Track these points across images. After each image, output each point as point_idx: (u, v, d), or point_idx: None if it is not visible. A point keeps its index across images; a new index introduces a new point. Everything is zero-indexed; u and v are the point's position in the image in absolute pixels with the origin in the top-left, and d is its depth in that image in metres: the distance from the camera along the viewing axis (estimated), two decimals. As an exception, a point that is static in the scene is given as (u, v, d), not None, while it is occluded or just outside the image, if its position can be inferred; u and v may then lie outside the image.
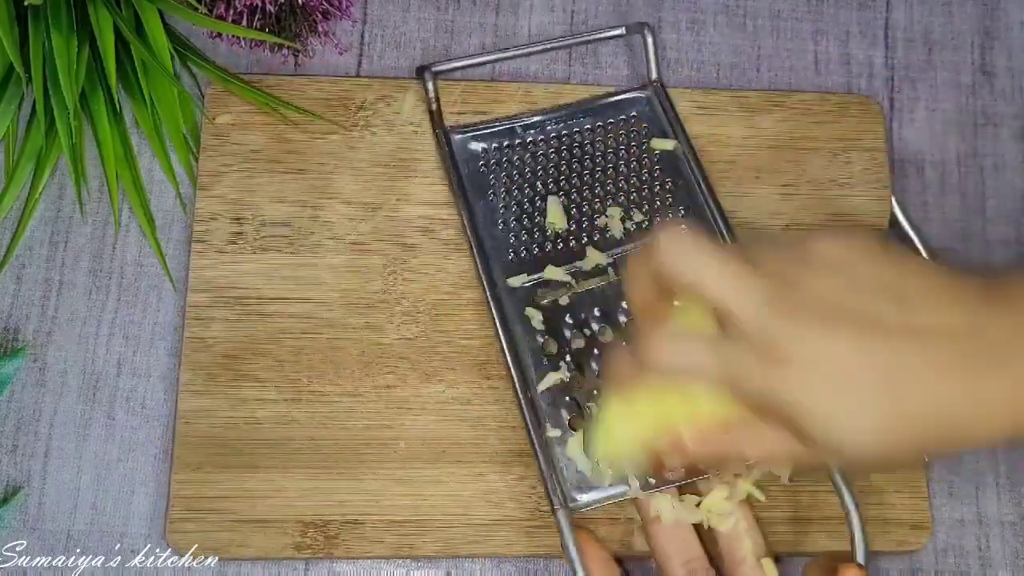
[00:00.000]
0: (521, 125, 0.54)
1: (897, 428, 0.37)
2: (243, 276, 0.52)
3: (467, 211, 0.52)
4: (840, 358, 0.37)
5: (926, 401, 0.37)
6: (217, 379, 0.50)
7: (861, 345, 0.37)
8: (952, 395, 0.37)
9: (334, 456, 0.49)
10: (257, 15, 0.53)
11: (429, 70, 0.55)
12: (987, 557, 0.52)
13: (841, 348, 0.37)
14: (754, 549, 0.46)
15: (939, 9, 0.60)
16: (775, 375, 0.37)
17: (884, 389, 0.37)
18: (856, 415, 0.37)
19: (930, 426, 0.37)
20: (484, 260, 0.51)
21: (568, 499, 0.46)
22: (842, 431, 0.37)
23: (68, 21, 0.49)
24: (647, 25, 0.55)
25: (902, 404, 0.37)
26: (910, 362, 0.37)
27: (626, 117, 0.55)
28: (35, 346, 0.51)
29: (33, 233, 0.53)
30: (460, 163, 0.53)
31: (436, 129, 0.54)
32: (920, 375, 0.37)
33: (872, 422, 0.37)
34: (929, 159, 0.58)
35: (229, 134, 0.54)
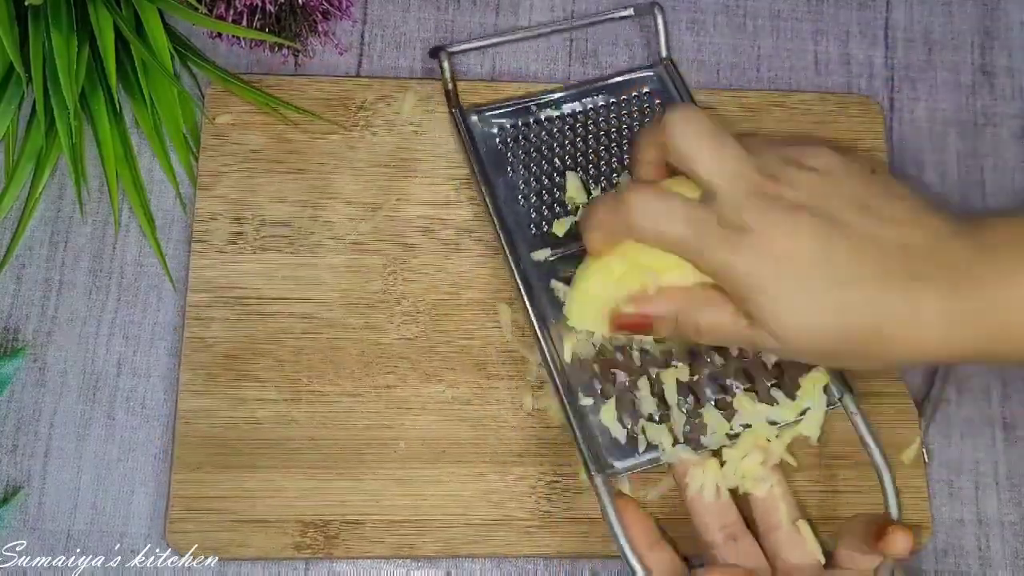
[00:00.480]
0: (536, 103, 0.55)
1: (836, 325, 0.39)
2: (243, 276, 0.52)
3: (488, 188, 0.52)
4: (798, 249, 0.39)
5: (868, 305, 0.39)
6: (217, 379, 0.50)
7: (821, 243, 0.39)
8: (894, 303, 0.39)
9: (334, 456, 0.49)
10: (257, 15, 0.53)
11: (444, 50, 0.55)
12: (987, 557, 0.52)
13: (803, 241, 0.39)
14: (789, 513, 0.46)
15: (939, 9, 0.60)
16: (736, 250, 0.40)
17: (831, 287, 0.39)
18: (800, 305, 0.39)
19: (868, 329, 0.39)
20: (508, 235, 0.51)
21: (605, 465, 0.46)
22: (785, 317, 0.39)
23: (68, 21, 0.49)
24: (657, 4, 0.56)
25: (845, 305, 0.39)
26: (861, 266, 0.39)
27: (639, 94, 0.55)
28: (35, 346, 0.51)
29: (33, 233, 0.53)
30: (478, 142, 0.53)
31: (452, 108, 0.54)
32: (868, 280, 0.39)
33: (814, 317, 0.39)
34: (929, 159, 0.58)
35: (229, 134, 0.54)
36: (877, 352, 0.40)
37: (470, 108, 0.54)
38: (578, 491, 0.50)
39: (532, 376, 0.51)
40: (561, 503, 0.49)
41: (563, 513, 0.49)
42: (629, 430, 0.47)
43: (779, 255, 0.39)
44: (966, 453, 0.53)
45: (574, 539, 0.49)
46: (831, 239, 0.39)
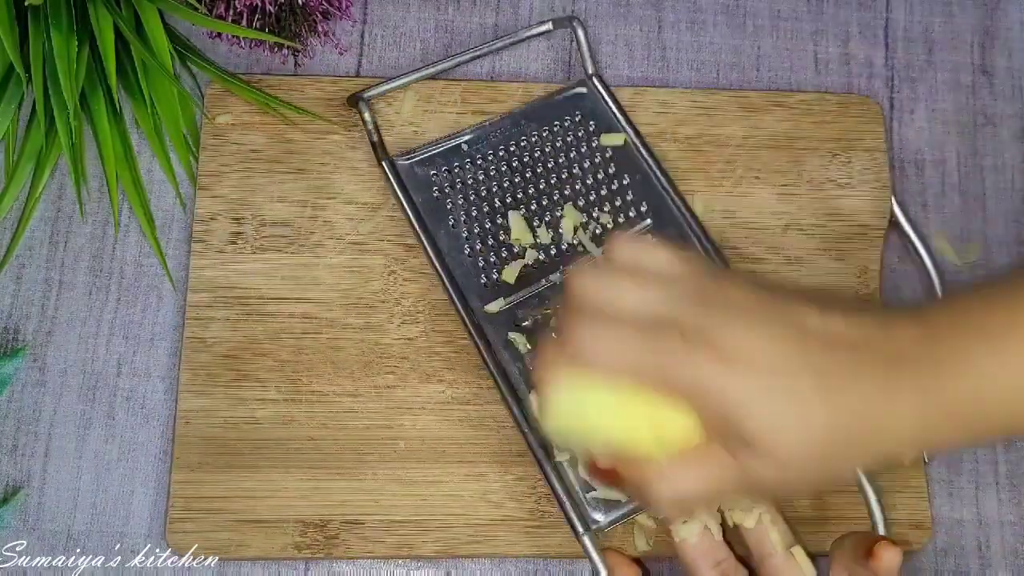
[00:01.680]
0: (466, 141, 0.53)
1: (828, 426, 0.36)
2: (243, 276, 0.52)
3: (430, 242, 0.51)
4: (777, 355, 0.36)
5: (855, 406, 0.36)
6: (217, 379, 0.50)
7: (795, 345, 0.36)
8: (870, 396, 0.37)
9: (334, 456, 0.49)
10: (257, 15, 0.53)
11: (363, 99, 0.53)
12: (987, 557, 0.52)
13: (777, 345, 0.36)
14: (782, 540, 0.46)
15: (939, 9, 0.60)
16: (708, 363, 0.36)
17: (817, 387, 0.36)
18: (794, 410, 0.36)
19: (855, 426, 0.37)
20: (458, 290, 0.50)
21: (590, 522, 0.46)
22: (780, 426, 0.36)
23: (68, 21, 0.49)
24: (575, 18, 0.55)
25: (832, 403, 0.36)
26: (837, 364, 0.36)
27: (571, 117, 0.54)
28: (35, 346, 0.51)
29: (33, 233, 0.53)
30: (412, 193, 0.52)
31: (381, 161, 0.52)
32: (849, 380, 0.36)
33: (807, 419, 0.36)
34: (929, 159, 0.58)
35: (229, 134, 0.54)
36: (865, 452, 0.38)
37: (398, 155, 0.53)
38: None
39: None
40: (561, 503, 0.49)
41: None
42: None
43: (751, 360, 0.36)
44: (966, 453, 0.53)
45: (574, 539, 0.49)
46: (803, 341, 0.36)
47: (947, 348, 0.37)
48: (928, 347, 0.37)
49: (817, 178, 0.55)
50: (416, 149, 0.53)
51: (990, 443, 0.51)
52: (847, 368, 0.37)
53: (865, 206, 0.55)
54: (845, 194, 0.55)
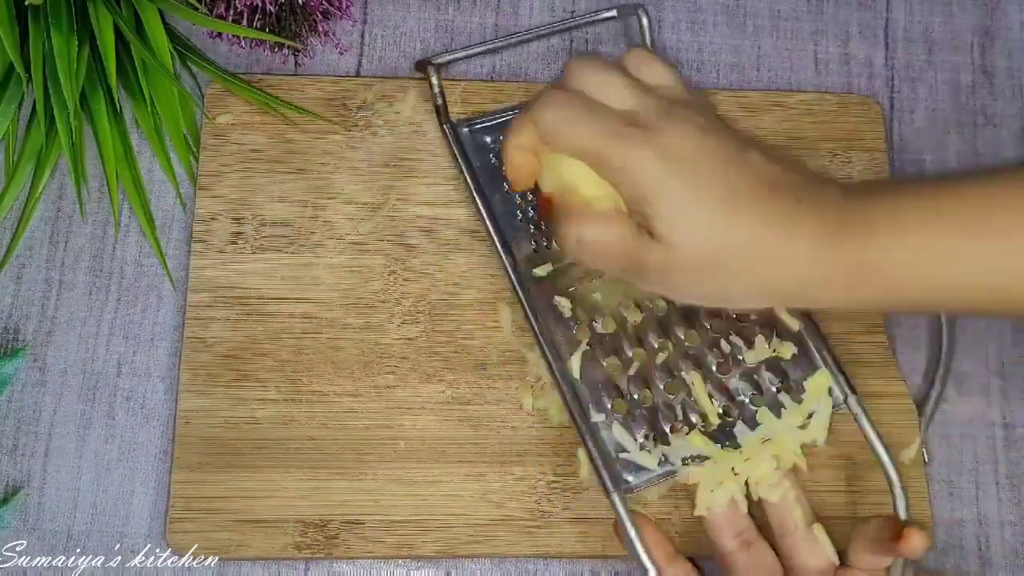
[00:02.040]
0: None
1: (725, 236, 0.40)
2: (243, 276, 0.52)
3: (484, 205, 0.51)
4: (703, 156, 0.41)
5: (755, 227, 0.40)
6: (217, 379, 0.50)
7: (725, 157, 0.41)
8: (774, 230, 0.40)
9: (334, 456, 0.49)
10: (257, 15, 0.53)
11: (431, 63, 0.54)
12: (987, 557, 0.52)
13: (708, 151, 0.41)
14: (805, 517, 0.46)
15: (939, 9, 0.60)
16: (641, 147, 0.41)
17: (729, 204, 0.40)
18: (695, 210, 0.40)
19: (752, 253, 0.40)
20: (508, 252, 0.50)
21: (620, 481, 0.46)
22: (679, 220, 0.40)
23: (68, 21, 0.49)
24: (641, 6, 0.55)
25: (737, 222, 0.40)
26: (755, 193, 0.41)
27: None
28: (35, 346, 0.51)
29: (33, 233, 0.53)
30: (471, 156, 0.53)
31: (443, 124, 0.54)
32: (758, 204, 0.40)
33: (706, 222, 0.40)
34: (929, 159, 0.58)
35: (229, 134, 0.54)
36: (751, 275, 0.41)
37: (461, 122, 0.54)
38: (578, 491, 0.50)
39: (532, 376, 0.51)
40: (561, 503, 0.49)
41: (563, 513, 0.49)
42: (641, 443, 0.46)
43: (683, 158, 0.40)
44: (966, 453, 0.53)
45: (574, 539, 0.49)
46: (733, 158, 0.41)
47: (853, 214, 0.41)
48: (841, 205, 0.41)
49: (817, 178, 0.55)
50: (477, 117, 0.54)
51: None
52: (761, 196, 0.41)
53: (865, 206, 0.55)
54: (845, 194, 0.55)
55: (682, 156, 0.41)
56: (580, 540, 0.49)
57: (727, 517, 0.46)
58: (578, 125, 0.42)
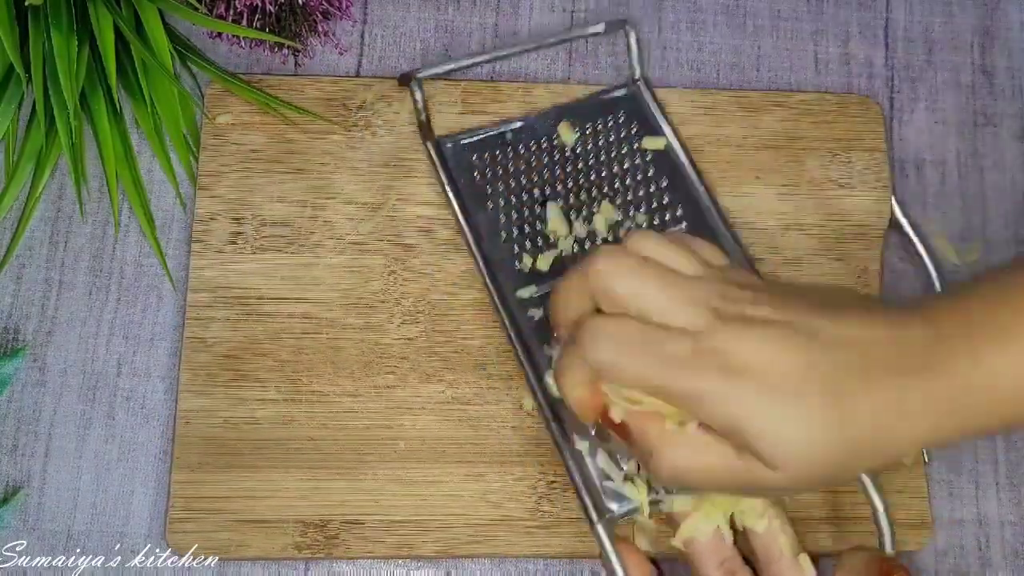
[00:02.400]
0: (511, 130, 0.54)
1: (839, 438, 0.37)
2: (243, 276, 0.52)
3: (468, 224, 0.51)
4: (783, 365, 0.37)
5: (862, 409, 0.37)
6: (217, 379, 0.50)
7: (801, 353, 0.37)
8: (882, 403, 0.37)
9: (334, 456, 0.49)
10: (257, 15, 0.53)
11: (414, 78, 0.54)
12: (987, 557, 0.52)
13: (782, 354, 0.37)
14: (790, 546, 0.46)
15: (939, 9, 0.60)
16: (711, 375, 0.37)
17: (826, 398, 0.37)
18: (803, 424, 0.36)
19: (866, 434, 0.37)
20: (491, 273, 0.50)
21: (604, 511, 0.46)
22: (784, 442, 0.37)
23: (68, 21, 0.49)
24: (626, 22, 0.55)
25: (843, 413, 0.37)
26: (847, 372, 0.37)
27: (615, 118, 0.54)
28: (35, 346, 0.51)
29: (33, 233, 0.53)
30: (455, 174, 0.52)
31: (426, 142, 0.53)
32: (856, 384, 0.37)
33: (817, 432, 0.37)
34: (929, 159, 0.58)
35: (229, 134, 0.54)
36: (875, 458, 0.39)
37: (444, 138, 0.53)
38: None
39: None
40: (561, 503, 0.49)
41: (563, 513, 0.49)
42: (625, 472, 0.46)
43: (760, 371, 0.37)
44: (966, 453, 0.53)
45: (574, 539, 0.49)
46: (810, 350, 0.37)
47: (956, 349, 0.37)
48: (937, 349, 0.38)
49: (817, 178, 0.55)
50: (461, 133, 0.54)
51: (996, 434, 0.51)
52: (857, 377, 0.37)
53: (865, 206, 0.55)
54: (845, 194, 0.55)
55: (756, 368, 0.37)
56: (580, 540, 0.49)
57: (711, 546, 0.46)
58: (635, 358, 0.38)
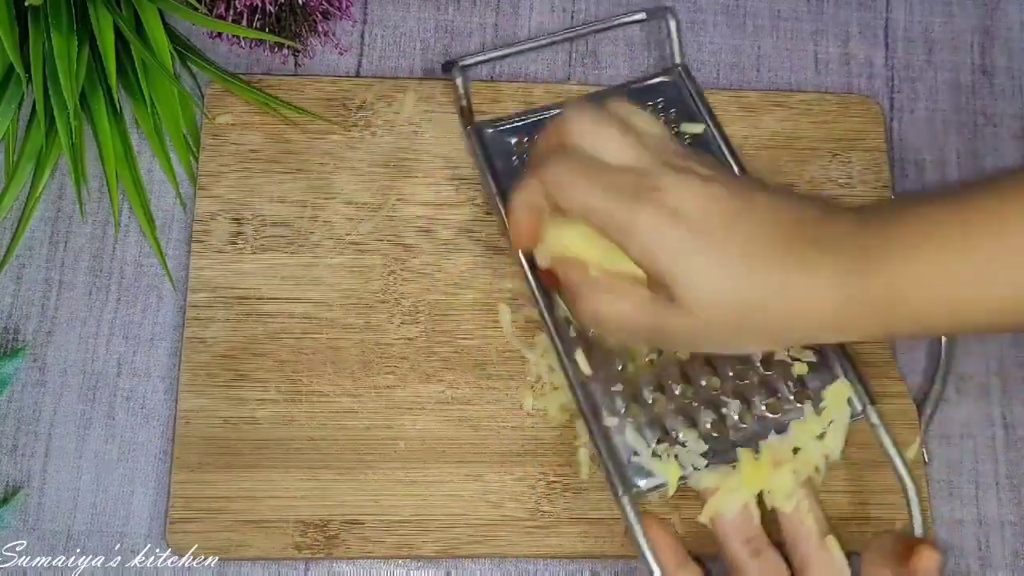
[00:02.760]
0: (551, 115, 0.53)
1: (747, 296, 0.40)
2: (243, 276, 0.52)
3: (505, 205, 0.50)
4: (715, 216, 0.40)
5: (774, 272, 0.40)
6: (217, 379, 0.50)
7: (735, 213, 0.40)
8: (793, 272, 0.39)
9: (334, 456, 0.49)
10: (257, 15, 0.53)
11: (457, 65, 0.54)
12: (987, 557, 0.52)
13: (718, 206, 0.40)
14: (818, 528, 0.46)
15: (939, 9, 0.60)
16: (650, 210, 0.40)
17: (744, 254, 0.40)
18: (717, 272, 0.39)
19: (772, 299, 0.40)
20: (528, 257, 0.50)
21: (630, 484, 0.45)
22: (698, 282, 0.40)
23: (68, 21, 0.49)
24: (670, 10, 0.55)
25: (755, 271, 0.40)
26: (770, 237, 0.40)
27: (654, 103, 0.54)
28: (35, 346, 0.51)
29: (33, 233, 0.53)
30: (494, 159, 0.52)
31: (467, 126, 0.53)
32: (775, 250, 0.40)
33: (727, 282, 0.39)
34: (929, 159, 0.58)
35: (229, 134, 0.54)
36: (776, 327, 0.41)
37: (484, 123, 0.53)
38: (578, 491, 0.50)
39: (532, 376, 0.51)
40: (561, 503, 0.49)
41: (563, 513, 0.49)
42: (654, 449, 0.46)
43: (692, 216, 0.40)
44: (966, 453, 0.53)
45: (574, 539, 0.49)
46: (742, 208, 0.40)
47: (872, 245, 0.39)
48: (856, 240, 0.40)
49: (817, 178, 0.55)
50: (501, 120, 0.53)
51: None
52: (775, 243, 0.40)
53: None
54: (845, 194, 0.55)
55: (690, 214, 0.40)
56: (580, 540, 0.49)
57: (737, 523, 0.46)
58: (585, 186, 0.41)
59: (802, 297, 0.39)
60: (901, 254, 0.39)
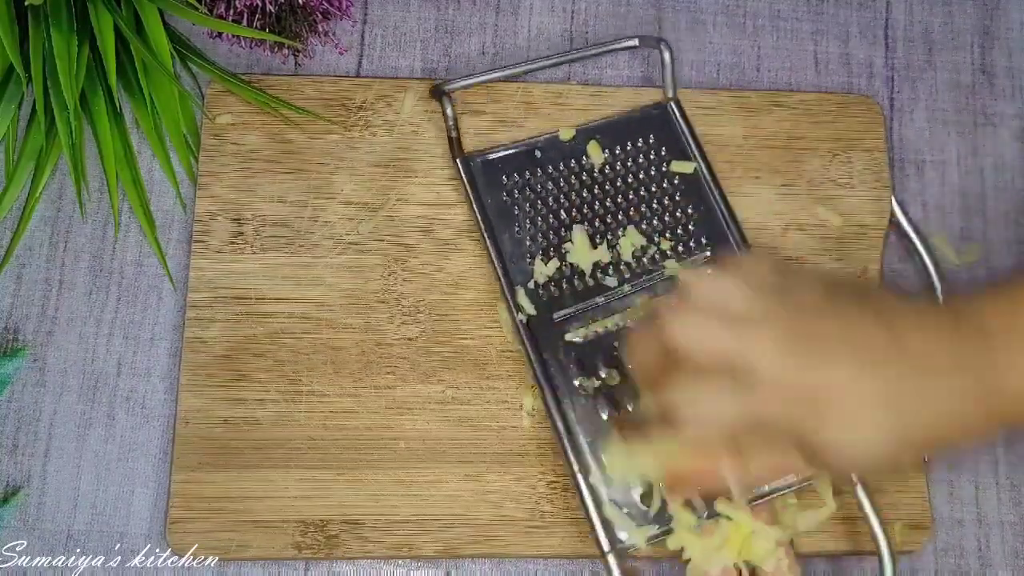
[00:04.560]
0: (539, 147, 0.53)
1: (902, 441, 0.40)
2: (243, 276, 0.52)
3: (494, 247, 0.51)
4: (846, 387, 0.40)
5: (922, 412, 0.40)
6: (217, 379, 0.50)
7: (863, 372, 0.40)
8: (943, 413, 0.40)
9: (334, 456, 0.49)
10: (257, 15, 0.53)
11: (446, 93, 0.53)
12: (987, 557, 0.52)
13: (857, 384, 0.40)
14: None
15: (939, 9, 0.60)
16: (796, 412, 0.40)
17: (890, 410, 0.40)
18: (869, 438, 0.40)
19: (928, 433, 0.41)
20: (514, 297, 0.50)
21: (615, 541, 0.46)
22: (857, 453, 0.40)
23: (68, 21, 0.49)
24: (663, 40, 0.54)
25: (905, 420, 0.40)
26: (907, 381, 0.40)
27: (644, 139, 0.54)
28: (35, 346, 0.51)
29: (33, 233, 0.53)
30: (483, 193, 0.52)
31: (456, 158, 0.53)
32: (915, 391, 0.40)
33: (884, 444, 0.40)
34: (929, 159, 0.58)
35: (229, 134, 0.54)
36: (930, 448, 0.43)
37: (473, 154, 0.53)
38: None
39: (532, 377, 0.51)
40: (561, 503, 0.49)
41: (563, 513, 0.49)
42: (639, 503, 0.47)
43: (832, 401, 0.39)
44: (966, 453, 0.53)
45: (574, 539, 0.49)
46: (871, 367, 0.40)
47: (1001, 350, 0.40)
48: (987, 351, 0.40)
49: (817, 178, 0.55)
50: (490, 149, 0.53)
51: None
52: (914, 384, 0.40)
53: (865, 206, 0.55)
54: (845, 194, 0.55)
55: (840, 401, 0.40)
56: (580, 540, 0.49)
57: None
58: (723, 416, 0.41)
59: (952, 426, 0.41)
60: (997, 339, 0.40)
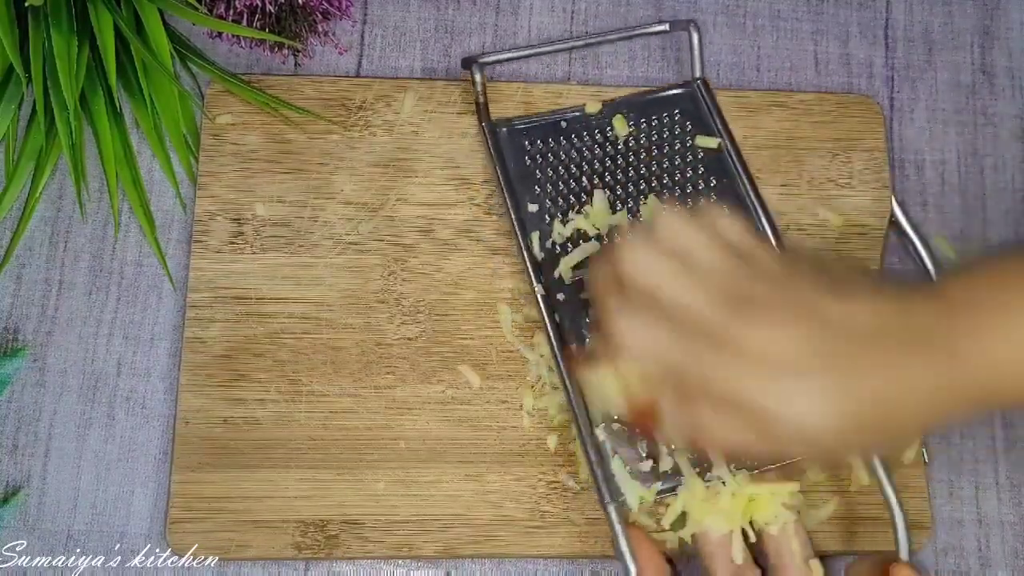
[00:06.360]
0: (566, 120, 0.54)
1: (844, 412, 0.38)
2: (243, 276, 0.52)
3: (515, 209, 0.51)
4: (800, 352, 0.38)
5: (866, 385, 0.38)
6: (217, 379, 0.50)
7: (817, 342, 0.38)
8: (886, 379, 0.38)
9: (334, 456, 0.49)
10: (257, 15, 0.53)
11: (476, 62, 0.54)
12: (987, 557, 0.52)
13: (799, 343, 0.38)
14: (802, 551, 0.46)
15: (939, 9, 0.60)
16: (731, 363, 0.38)
17: (831, 377, 0.38)
18: (812, 398, 0.38)
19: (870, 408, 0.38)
20: (533, 259, 0.50)
21: (617, 494, 0.46)
22: (801, 414, 0.38)
23: (68, 21, 0.49)
24: (693, 22, 0.55)
25: (847, 389, 0.38)
26: (851, 351, 0.38)
27: (670, 114, 0.54)
28: (35, 346, 0.51)
29: (33, 233, 0.53)
30: (507, 158, 0.53)
31: (482, 123, 0.53)
32: (861, 361, 0.38)
33: (828, 405, 0.38)
34: (929, 159, 0.58)
35: (229, 134, 0.54)
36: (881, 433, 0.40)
37: (500, 122, 0.53)
38: (578, 491, 0.50)
39: (532, 376, 0.51)
40: (561, 503, 0.49)
41: (563, 513, 0.49)
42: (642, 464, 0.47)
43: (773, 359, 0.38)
44: (966, 453, 0.53)
45: (574, 539, 0.49)
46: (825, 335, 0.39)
47: (960, 326, 0.38)
48: (943, 326, 0.39)
49: (817, 178, 0.55)
50: (517, 119, 0.54)
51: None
52: (866, 356, 0.38)
53: (865, 206, 0.55)
54: (845, 194, 0.55)
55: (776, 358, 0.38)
56: (580, 540, 0.49)
57: (721, 543, 0.46)
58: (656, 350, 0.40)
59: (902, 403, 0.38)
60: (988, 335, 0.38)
